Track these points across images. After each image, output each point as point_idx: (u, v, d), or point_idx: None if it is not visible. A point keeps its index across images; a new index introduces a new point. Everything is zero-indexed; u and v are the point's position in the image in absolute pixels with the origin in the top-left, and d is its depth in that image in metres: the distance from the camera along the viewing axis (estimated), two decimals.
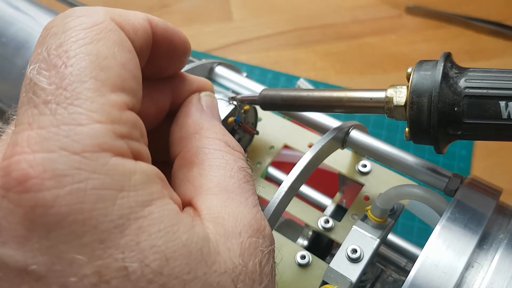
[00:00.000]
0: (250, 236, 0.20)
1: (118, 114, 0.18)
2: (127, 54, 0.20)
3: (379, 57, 0.80)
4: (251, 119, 0.36)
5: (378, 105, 0.27)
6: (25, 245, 0.16)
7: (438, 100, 0.24)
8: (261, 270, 0.20)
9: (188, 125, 0.24)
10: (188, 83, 0.27)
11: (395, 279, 0.37)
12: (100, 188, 0.17)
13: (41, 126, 0.17)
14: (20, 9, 0.43)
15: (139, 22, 0.22)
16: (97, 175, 0.17)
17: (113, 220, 0.17)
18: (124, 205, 0.17)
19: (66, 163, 0.17)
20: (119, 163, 0.18)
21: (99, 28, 0.20)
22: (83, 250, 0.16)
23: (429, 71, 0.25)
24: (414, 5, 0.84)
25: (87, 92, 0.18)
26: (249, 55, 0.81)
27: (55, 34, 0.19)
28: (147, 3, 0.86)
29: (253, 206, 0.22)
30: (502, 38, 0.80)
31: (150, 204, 0.18)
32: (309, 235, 0.38)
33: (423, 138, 0.25)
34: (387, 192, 0.29)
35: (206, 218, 0.20)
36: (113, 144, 0.18)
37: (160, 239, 0.17)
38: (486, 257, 0.24)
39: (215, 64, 0.36)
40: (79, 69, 0.18)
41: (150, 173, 0.19)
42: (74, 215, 0.16)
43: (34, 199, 0.16)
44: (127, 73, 0.20)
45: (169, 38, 0.24)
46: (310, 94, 0.29)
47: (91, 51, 0.19)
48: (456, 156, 0.69)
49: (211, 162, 0.22)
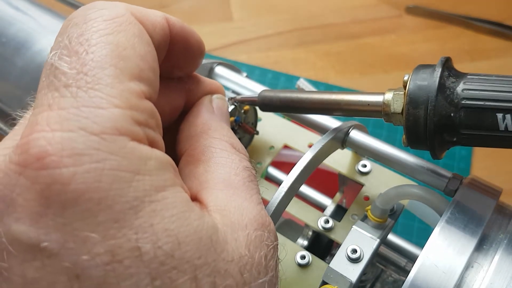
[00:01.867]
0: (256, 229, 0.21)
1: (136, 101, 0.19)
2: (146, 47, 0.21)
3: (379, 57, 0.80)
4: (251, 119, 0.36)
5: (376, 109, 0.27)
6: (39, 221, 0.16)
7: (434, 114, 0.24)
8: (266, 263, 0.20)
9: (197, 124, 0.25)
10: (202, 85, 0.28)
11: (395, 279, 0.37)
12: (117, 169, 0.17)
13: (61, 107, 0.18)
14: (20, 9, 0.43)
15: (158, 20, 0.22)
16: (115, 157, 0.17)
17: (128, 201, 0.17)
18: (139, 187, 0.17)
19: (85, 142, 0.17)
20: (136, 147, 0.18)
21: (120, 21, 0.20)
22: (97, 229, 0.17)
23: (426, 81, 0.24)
24: (414, 5, 0.84)
25: (107, 78, 0.18)
26: (249, 55, 0.81)
27: (77, 24, 0.20)
28: (147, 3, 0.86)
29: (257, 203, 0.22)
30: (502, 38, 0.80)
31: (164, 190, 0.18)
32: (309, 235, 0.38)
33: (421, 145, 0.26)
34: (387, 192, 0.29)
35: (213, 210, 0.21)
36: (131, 129, 0.18)
37: (173, 223, 0.18)
38: (486, 257, 0.24)
39: (215, 64, 0.36)
40: (99, 56, 0.19)
41: (164, 161, 0.19)
42: (90, 194, 0.17)
43: (52, 175, 0.17)
44: (145, 64, 0.20)
45: (185, 37, 0.24)
46: (309, 97, 0.29)
47: (111, 41, 0.19)
48: (456, 156, 0.69)
49: (217, 160, 0.23)
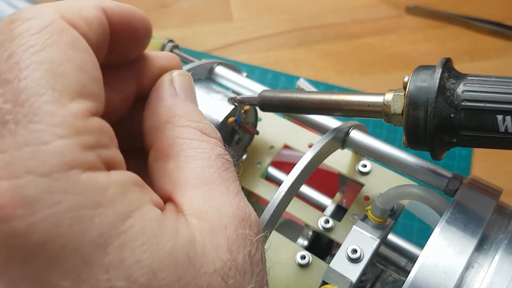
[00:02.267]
0: (236, 227, 0.20)
1: (82, 123, 0.17)
2: (83, 55, 0.19)
3: (379, 57, 0.80)
4: (251, 119, 0.36)
5: (376, 109, 0.27)
6: (4, 275, 0.16)
7: (434, 115, 0.24)
8: (251, 261, 0.19)
9: (159, 112, 0.23)
10: (154, 62, 0.25)
11: (395, 279, 0.37)
12: (75, 209, 0.16)
13: (2, 150, 0.16)
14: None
15: (92, 14, 0.20)
16: (70, 196, 0.16)
17: (93, 240, 0.16)
18: (103, 222, 0.16)
19: (35, 188, 0.16)
20: (91, 178, 0.17)
21: (50, 31, 0.18)
22: (67, 276, 0.16)
23: (426, 83, 0.24)
24: (414, 5, 0.84)
25: (46, 105, 0.17)
26: (249, 55, 0.81)
27: (2, 44, 0.18)
28: (147, 3, 0.86)
29: (235, 194, 0.21)
30: (502, 38, 0.80)
31: (129, 217, 0.17)
32: (309, 235, 0.38)
33: (420, 146, 0.26)
34: (387, 192, 0.29)
35: (189, 214, 0.19)
36: (82, 158, 0.17)
37: (145, 253, 0.17)
38: (486, 257, 0.24)
39: (215, 64, 0.36)
40: (34, 81, 0.17)
41: (125, 182, 0.18)
42: (52, 242, 0.16)
43: (7, 230, 0.16)
44: (85, 76, 0.18)
45: (127, 22, 0.22)
46: (309, 97, 0.29)
47: (44, 59, 0.17)
48: (456, 156, 0.69)
49: (187, 153, 0.21)
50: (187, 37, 0.82)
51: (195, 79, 0.35)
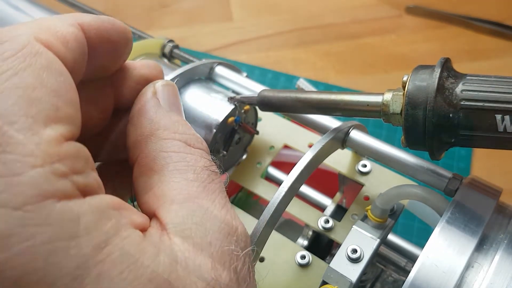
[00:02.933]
0: (221, 243, 0.19)
1: (55, 150, 0.17)
2: (58, 78, 0.18)
3: (379, 57, 0.80)
4: (251, 119, 0.36)
5: (375, 109, 0.27)
6: None
7: (432, 115, 0.24)
8: (237, 277, 0.19)
9: (143, 126, 0.22)
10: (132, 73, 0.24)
11: (395, 279, 0.37)
12: (50, 242, 0.16)
13: None
14: (20, 9, 0.43)
15: (69, 31, 0.20)
16: (44, 228, 0.16)
17: (70, 273, 0.16)
18: (79, 253, 0.16)
19: (9, 222, 0.15)
20: (65, 208, 0.16)
21: (24, 54, 0.18)
22: None
23: (425, 82, 0.24)
24: (414, 5, 0.84)
25: (18, 134, 0.16)
26: (249, 55, 0.81)
27: None
28: (147, 3, 0.86)
29: (221, 207, 0.20)
30: (502, 38, 0.80)
31: (107, 244, 0.17)
32: (309, 235, 0.38)
33: (419, 146, 0.26)
34: (387, 192, 0.29)
35: (173, 232, 0.19)
36: (56, 187, 0.16)
37: (124, 281, 0.17)
38: (486, 257, 0.24)
39: (215, 64, 0.36)
40: (6, 108, 0.16)
41: (102, 208, 0.18)
42: (27, 277, 0.15)
43: None
44: (60, 100, 0.18)
45: (106, 36, 0.22)
46: (308, 97, 0.29)
47: (17, 84, 0.17)
48: (456, 156, 0.69)
49: (170, 166, 0.21)
50: (187, 37, 0.82)
51: (195, 79, 0.35)
